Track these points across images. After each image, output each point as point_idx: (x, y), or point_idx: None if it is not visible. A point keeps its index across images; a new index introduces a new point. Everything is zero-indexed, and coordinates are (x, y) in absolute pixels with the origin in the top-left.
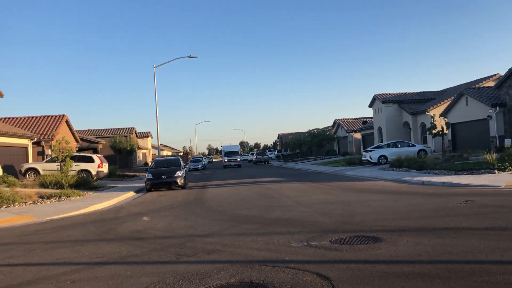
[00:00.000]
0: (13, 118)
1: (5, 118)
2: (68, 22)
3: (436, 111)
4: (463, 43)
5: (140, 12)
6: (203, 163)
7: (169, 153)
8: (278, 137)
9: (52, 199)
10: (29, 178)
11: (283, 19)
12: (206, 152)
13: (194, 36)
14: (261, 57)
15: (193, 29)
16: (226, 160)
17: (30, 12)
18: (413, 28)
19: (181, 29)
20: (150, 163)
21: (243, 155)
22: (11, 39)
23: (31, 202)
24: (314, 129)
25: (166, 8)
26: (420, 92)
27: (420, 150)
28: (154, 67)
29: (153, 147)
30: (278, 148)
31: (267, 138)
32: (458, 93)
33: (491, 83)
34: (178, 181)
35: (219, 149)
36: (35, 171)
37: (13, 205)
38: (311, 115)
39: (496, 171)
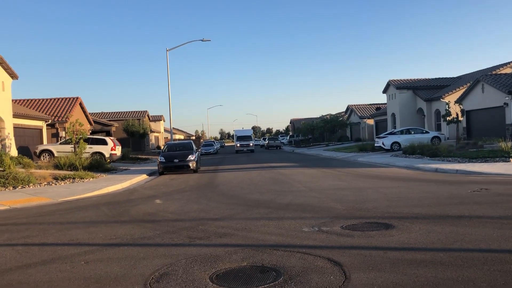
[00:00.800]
0: (27, 100)
1: (20, 100)
2: (83, 3)
3: (451, 98)
4: (480, 29)
5: None
6: (215, 147)
7: (182, 137)
8: (290, 122)
9: (66, 180)
10: (43, 159)
11: (297, 3)
12: (218, 136)
13: (207, 20)
14: (274, 42)
15: (206, 12)
16: (238, 145)
17: None
18: (428, 14)
19: (195, 12)
20: (162, 147)
21: (255, 140)
22: (25, 20)
23: (45, 183)
24: (327, 114)
25: None
26: (435, 78)
27: (434, 137)
28: (167, 50)
29: (165, 130)
30: (290, 134)
31: (279, 123)
32: (474, 80)
33: (508, 70)
34: (191, 164)
35: (231, 134)
36: (50, 152)
37: (28, 186)
38: (324, 100)
39: (511, 159)
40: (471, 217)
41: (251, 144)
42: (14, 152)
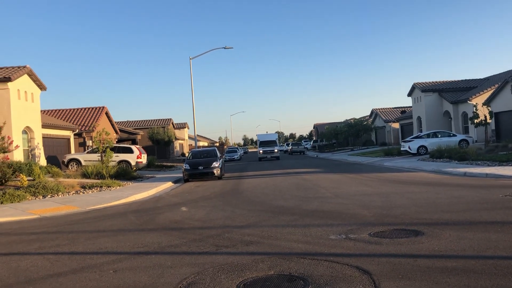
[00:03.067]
0: (55, 111)
1: (48, 111)
2: (108, 15)
3: (478, 100)
4: (507, 29)
5: (176, 4)
6: (239, 153)
7: (205, 144)
8: (313, 127)
9: (93, 189)
10: (71, 168)
11: (318, 6)
12: (242, 142)
13: (229, 27)
14: (297, 47)
15: (228, 20)
16: (261, 151)
17: (67, 7)
18: (454, 15)
19: (217, 20)
20: (187, 154)
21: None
22: (52, 34)
23: (74, 192)
24: (351, 119)
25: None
26: (461, 80)
27: (462, 140)
28: (190, 58)
29: (189, 137)
30: (314, 139)
31: (303, 128)
32: (503, 81)
33: None
34: (215, 171)
35: (254, 140)
36: (77, 161)
37: (57, 195)
38: (348, 104)
39: None
40: (504, 223)
41: (276, 150)
42: (43, 161)
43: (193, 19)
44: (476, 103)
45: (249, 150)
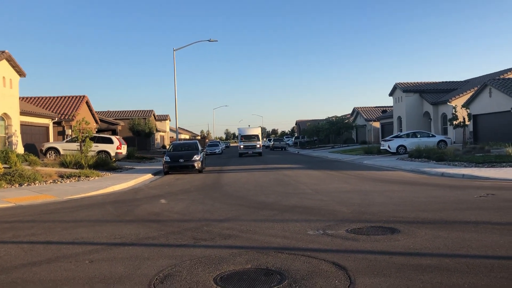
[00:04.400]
0: (34, 98)
1: (27, 98)
2: (91, 4)
3: (458, 102)
4: (488, 33)
5: None
6: (221, 147)
7: (187, 137)
8: (296, 124)
9: (71, 178)
10: (49, 157)
11: (302, 4)
12: (224, 137)
13: (214, 21)
14: (281, 44)
15: (213, 13)
16: (242, 146)
17: None
18: (437, 17)
19: (202, 13)
20: (168, 146)
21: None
22: (34, 19)
23: (51, 181)
24: (333, 116)
25: None
26: (442, 82)
27: (440, 141)
28: (174, 50)
29: (171, 130)
30: (296, 135)
31: (285, 124)
32: (482, 84)
33: None
34: (196, 165)
35: (236, 134)
36: (56, 150)
37: (34, 183)
38: (330, 102)
39: None
40: (478, 223)
41: (258, 146)
42: (20, 149)
43: (178, 11)
44: (456, 105)
45: (231, 145)
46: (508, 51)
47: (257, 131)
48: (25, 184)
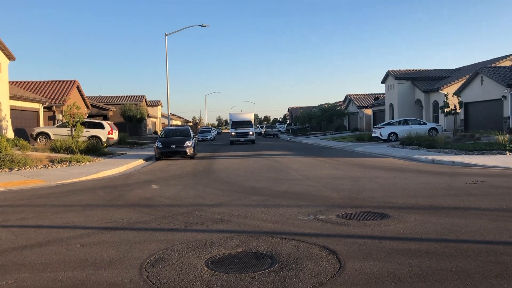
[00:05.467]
0: (25, 82)
1: (17, 82)
2: None
3: (449, 90)
4: (480, 22)
5: None
6: (213, 134)
7: (179, 123)
8: (288, 111)
9: (62, 163)
10: (40, 142)
11: None
12: (216, 123)
13: (206, 5)
14: (274, 30)
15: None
16: (233, 133)
17: None
18: (430, 5)
19: None
20: (160, 132)
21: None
22: (24, 2)
23: (42, 166)
24: (325, 103)
25: None
26: (434, 69)
27: (431, 128)
28: (166, 35)
29: (163, 116)
30: (288, 122)
31: (277, 111)
32: (473, 72)
33: (507, 63)
34: (187, 151)
35: (228, 121)
36: (46, 135)
37: (24, 168)
38: (323, 89)
39: (507, 152)
40: (466, 209)
41: (251, 133)
42: (10, 134)
43: None
44: (447, 93)
45: (223, 131)
46: (500, 39)
47: (250, 116)
48: (16, 169)
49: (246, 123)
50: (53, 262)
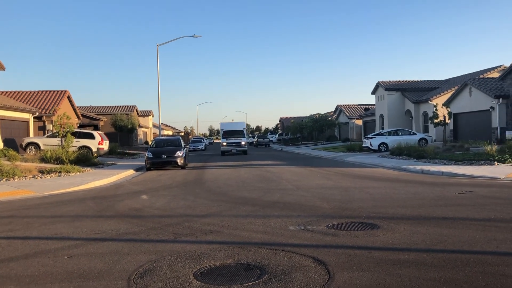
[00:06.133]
0: (15, 92)
1: (6, 92)
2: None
3: (439, 100)
4: (469, 33)
5: None
6: (204, 144)
7: (170, 133)
8: (279, 121)
9: (52, 174)
10: (29, 152)
11: (287, 3)
12: (207, 133)
13: (198, 16)
14: (265, 41)
15: (197, 9)
16: (224, 143)
17: None
18: (419, 17)
19: (186, 8)
20: (150, 142)
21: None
22: (14, 12)
23: (31, 176)
24: (316, 114)
25: None
26: (424, 80)
27: (421, 139)
28: (157, 45)
29: (154, 126)
30: (280, 132)
31: (269, 121)
32: (462, 83)
33: (495, 74)
34: (178, 161)
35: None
36: (36, 145)
37: (13, 179)
38: (314, 100)
39: (496, 162)
40: (455, 219)
41: (244, 143)
42: None
43: (162, 6)
44: (437, 104)
45: (215, 141)
46: (489, 51)
47: (242, 127)
48: (4, 180)
49: (238, 133)
50: (40, 274)
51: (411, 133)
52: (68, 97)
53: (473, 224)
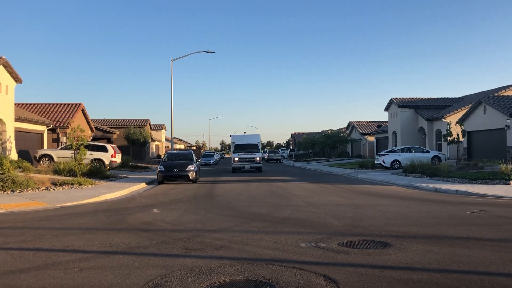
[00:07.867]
0: (30, 104)
1: (22, 104)
2: (88, 12)
3: (452, 118)
4: (484, 51)
5: (159, 5)
6: (215, 158)
7: (182, 147)
8: (291, 136)
9: (64, 186)
10: (43, 164)
11: (300, 19)
12: (219, 147)
13: (212, 32)
14: (278, 56)
15: (211, 25)
16: (236, 159)
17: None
18: (433, 33)
19: (200, 23)
20: (162, 156)
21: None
22: (31, 26)
23: (44, 188)
24: (328, 130)
25: (186, 4)
26: (437, 98)
27: (434, 156)
28: (171, 60)
29: (166, 139)
30: (291, 147)
31: (281, 136)
32: (476, 101)
33: (510, 92)
34: (190, 175)
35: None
36: (50, 157)
37: (26, 190)
38: (326, 116)
39: (511, 182)
40: (469, 239)
41: (258, 158)
42: (14, 155)
43: (176, 21)
44: (450, 121)
45: (226, 156)
46: (503, 69)
47: (256, 140)
48: (18, 191)
49: (252, 147)
50: (50, 286)
51: (424, 150)
52: (82, 110)
53: (488, 245)
